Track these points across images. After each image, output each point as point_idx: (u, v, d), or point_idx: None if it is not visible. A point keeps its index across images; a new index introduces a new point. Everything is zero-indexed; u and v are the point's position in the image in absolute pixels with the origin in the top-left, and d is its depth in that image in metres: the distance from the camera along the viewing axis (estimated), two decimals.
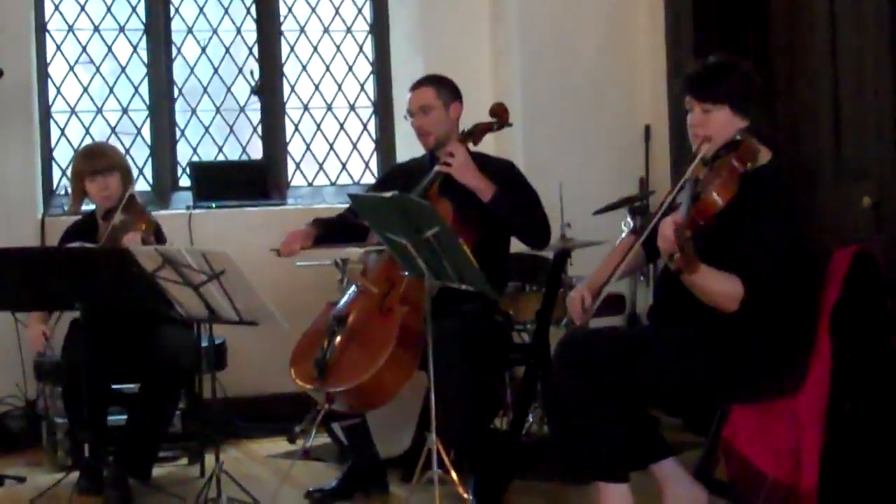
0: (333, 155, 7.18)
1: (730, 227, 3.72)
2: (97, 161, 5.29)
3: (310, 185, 7.13)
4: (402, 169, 5.33)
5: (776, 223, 3.71)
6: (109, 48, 6.80)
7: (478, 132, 4.93)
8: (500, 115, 4.98)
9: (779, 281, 3.71)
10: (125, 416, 5.24)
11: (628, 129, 6.76)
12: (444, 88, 4.96)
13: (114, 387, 5.30)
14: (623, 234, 4.54)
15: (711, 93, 3.83)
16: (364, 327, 4.55)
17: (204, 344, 5.05)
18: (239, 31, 7.00)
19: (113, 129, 6.78)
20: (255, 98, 6.96)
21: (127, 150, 6.74)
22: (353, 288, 4.76)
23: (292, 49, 7.08)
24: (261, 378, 6.17)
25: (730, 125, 3.81)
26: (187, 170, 6.85)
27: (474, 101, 5.22)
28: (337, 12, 7.16)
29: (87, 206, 5.51)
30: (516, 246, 5.20)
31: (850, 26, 5.32)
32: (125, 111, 6.81)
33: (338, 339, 4.49)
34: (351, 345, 4.49)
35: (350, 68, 7.18)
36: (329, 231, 5.07)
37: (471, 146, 4.89)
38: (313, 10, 7.12)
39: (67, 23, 6.73)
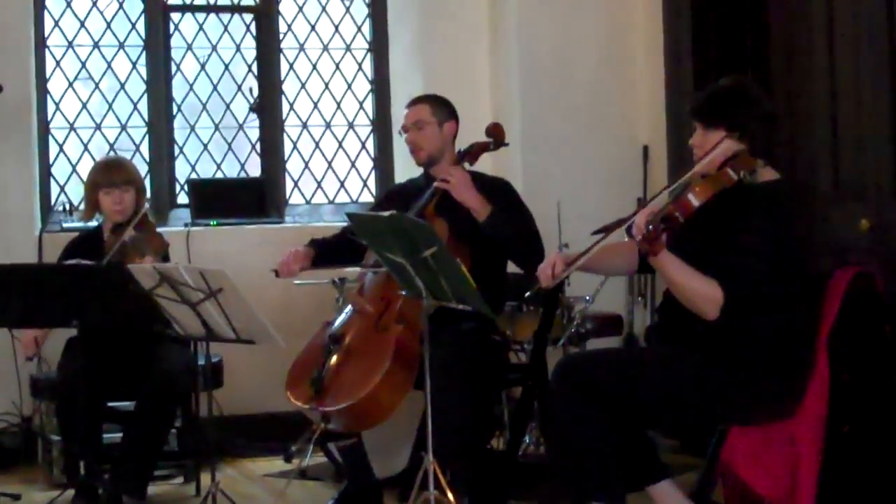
0: (332, 173, 7.18)
1: (718, 235, 3.77)
2: (115, 174, 5.29)
3: (308, 203, 7.12)
4: (399, 190, 5.34)
5: (763, 236, 3.75)
6: (109, 64, 6.80)
7: (474, 152, 4.95)
8: (496, 135, 4.99)
9: (756, 291, 3.73)
10: (121, 434, 5.23)
11: (626, 149, 6.76)
12: (439, 107, 4.99)
13: (110, 404, 5.30)
14: None
15: (711, 118, 3.91)
16: (360, 346, 4.54)
17: (201, 362, 5.05)
18: (238, 48, 7.01)
19: (111, 146, 6.77)
20: (253, 115, 6.97)
21: None
22: (349, 307, 4.75)
23: (291, 67, 7.09)
24: (257, 397, 6.16)
25: (728, 147, 3.85)
26: (185, 187, 6.84)
27: (473, 119, 5.23)
28: (336, 30, 7.17)
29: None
30: (514, 265, 5.19)
31: (849, 46, 5.33)
32: (124, 128, 6.81)
33: (333, 358, 4.49)
34: (347, 364, 4.49)
35: (349, 86, 7.18)
36: (327, 252, 5.05)
37: (466, 166, 4.92)
38: (313, 27, 7.13)
39: (67, 39, 6.73)
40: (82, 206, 5.58)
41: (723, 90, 3.98)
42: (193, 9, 6.95)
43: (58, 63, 6.72)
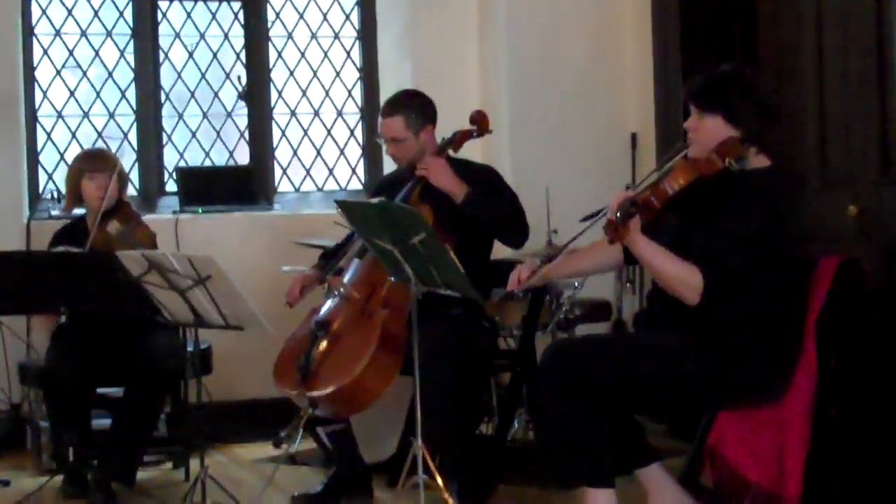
0: (320, 161, 7.18)
1: (705, 221, 3.79)
2: (98, 160, 5.32)
3: (297, 190, 7.12)
4: (386, 180, 5.34)
5: (750, 224, 3.76)
6: (96, 52, 6.78)
7: (457, 140, 4.97)
8: (479, 123, 5.00)
9: (740, 277, 3.75)
10: (110, 421, 5.23)
11: (615, 136, 6.76)
12: (413, 116, 4.95)
13: (99, 391, 5.30)
14: None
15: (707, 101, 3.90)
16: (346, 332, 4.56)
17: (189, 348, 5.05)
18: (226, 36, 7.00)
19: (99, 134, 6.76)
20: (242, 103, 6.96)
21: None
22: (335, 293, 4.76)
23: (280, 55, 7.08)
24: (246, 383, 6.16)
25: (722, 132, 3.85)
26: (174, 175, 6.84)
27: (461, 106, 5.23)
28: (325, 18, 7.16)
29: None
30: (505, 252, 5.21)
31: (836, 33, 5.34)
32: (112, 116, 6.79)
33: (320, 344, 4.50)
34: (333, 349, 4.50)
35: (337, 74, 7.18)
36: (334, 256, 5.02)
37: (451, 153, 4.94)
38: (301, 15, 7.12)
39: (54, 27, 6.72)
40: (64, 200, 5.59)
41: (721, 75, 3.97)
42: None
43: (45, 51, 6.71)
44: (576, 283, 5.54)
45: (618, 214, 3.62)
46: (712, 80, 3.97)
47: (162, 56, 6.88)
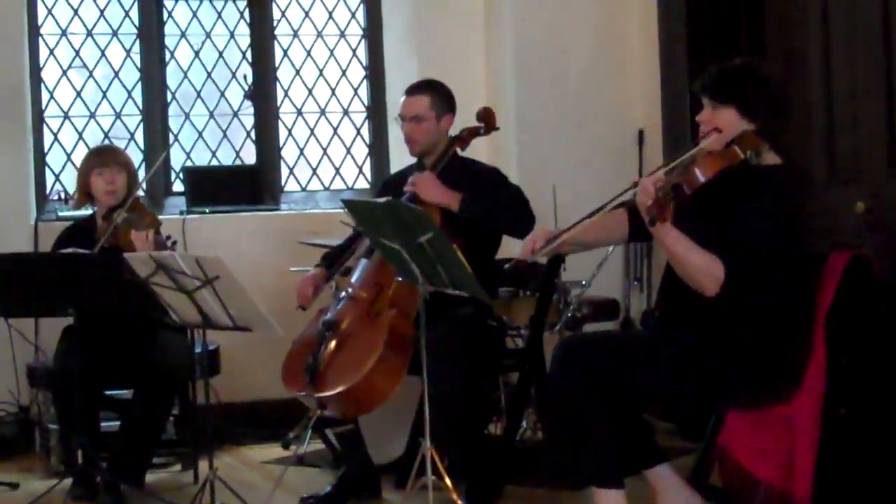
0: (327, 160, 7.17)
1: (722, 214, 3.78)
2: (108, 156, 5.34)
3: (303, 190, 7.11)
4: (395, 179, 5.33)
5: (768, 217, 3.75)
6: (103, 52, 6.78)
7: (465, 137, 4.97)
8: (487, 120, 5.00)
9: (758, 269, 3.74)
10: (119, 423, 5.23)
11: (621, 133, 6.75)
12: (439, 99, 4.98)
13: (107, 393, 5.30)
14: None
15: (721, 93, 3.89)
16: (353, 332, 4.55)
17: (197, 350, 5.05)
18: (232, 35, 6.99)
19: (106, 134, 6.76)
20: (248, 103, 6.95)
21: None
22: (343, 294, 4.76)
23: (286, 53, 7.07)
24: (254, 384, 6.16)
25: (736, 125, 3.84)
26: (181, 175, 6.84)
27: (467, 104, 5.21)
28: (330, 16, 7.15)
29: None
30: (511, 251, 5.20)
31: (843, 30, 5.32)
32: (118, 116, 6.79)
33: (328, 344, 4.50)
34: (341, 350, 4.50)
35: (343, 73, 7.17)
36: (338, 258, 5.01)
37: (458, 151, 4.93)
38: (307, 14, 7.12)
39: (60, 27, 6.72)
40: (74, 197, 5.60)
41: (734, 68, 3.96)
42: None
43: (51, 51, 6.71)
44: (583, 282, 5.53)
45: (660, 193, 3.58)
46: (727, 72, 3.95)
47: (168, 55, 6.88)
